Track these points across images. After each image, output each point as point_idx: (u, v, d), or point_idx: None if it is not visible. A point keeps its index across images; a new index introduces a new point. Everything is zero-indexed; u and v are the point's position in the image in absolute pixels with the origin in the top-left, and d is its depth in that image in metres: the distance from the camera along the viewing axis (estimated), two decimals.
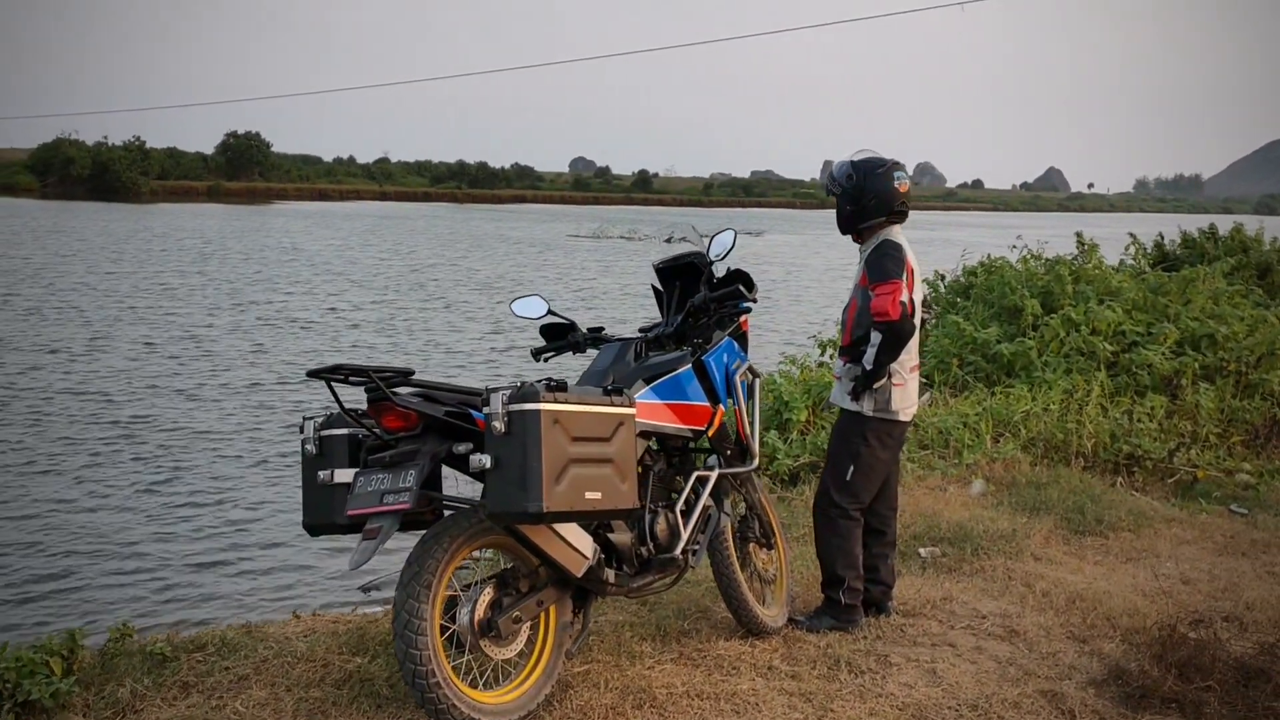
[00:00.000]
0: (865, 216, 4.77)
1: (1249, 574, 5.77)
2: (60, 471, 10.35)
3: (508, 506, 3.36)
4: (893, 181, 4.79)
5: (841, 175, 4.81)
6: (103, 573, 7.85)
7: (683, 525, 4.21)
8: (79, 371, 15.12)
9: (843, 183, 4.79)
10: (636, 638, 4.56)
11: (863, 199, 4.74)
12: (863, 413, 4.72)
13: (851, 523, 4.81)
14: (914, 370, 4.82)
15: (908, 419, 4.81)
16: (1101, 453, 7.56)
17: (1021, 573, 5.56)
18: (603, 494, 3.51)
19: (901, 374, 4.72)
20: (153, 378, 14.88)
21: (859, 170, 4.77)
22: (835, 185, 4.83)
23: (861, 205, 4.75)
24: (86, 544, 8.43)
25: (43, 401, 13.18)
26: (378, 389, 3.50)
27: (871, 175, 4.76)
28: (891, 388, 4.68)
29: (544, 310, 4.56)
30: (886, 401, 4.69)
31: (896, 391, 4.70)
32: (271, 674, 4.07)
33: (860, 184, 4.74)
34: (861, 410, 4.71)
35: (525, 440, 3.33)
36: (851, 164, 4.81)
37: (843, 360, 4.87)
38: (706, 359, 4.42)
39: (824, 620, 4.83)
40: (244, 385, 14.63)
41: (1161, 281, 9.89)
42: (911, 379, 4.79)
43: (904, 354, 4.72)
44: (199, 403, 13.52)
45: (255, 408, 13.33)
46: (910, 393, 4.79)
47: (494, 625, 3.60)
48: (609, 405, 3.59)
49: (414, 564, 3.50)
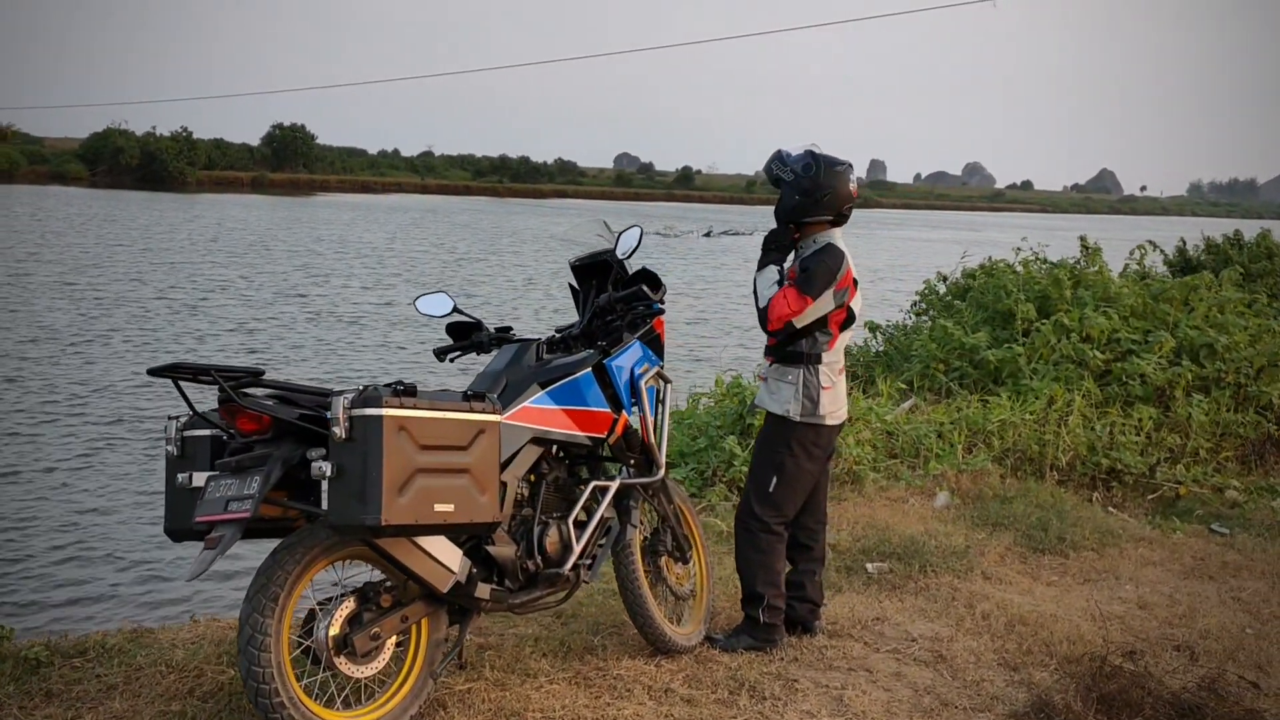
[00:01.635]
0: (813, 211, 4.50)
1: (1212, 599, 5.46)
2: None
3: (346, 518, 3.17)
4: (849, 183, 4.53)
5: (799, 163, 4.49)
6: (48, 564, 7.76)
7: (575, 538, 4.00)
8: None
9: (798, 170, 4.47)
10: (537, 653, 4.35)
11: (816, 193, 4.46)
12: (788, 417, 4.47)
13: (773, 537, 4.57)
14: (841, 373, 4.56)
15: (835, 423, 4.55)
16: (1079, 466, 7.25)
17: (967, 593, 5.29)
18: (455, 506, 3.30)
19: (829, 376, 4.47)
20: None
21: (820, 162, 4.47)
22: (787, 171, 4.51)
23: (813, 199, 4.47)
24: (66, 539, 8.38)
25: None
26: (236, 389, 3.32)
27: (831, 170, 4.47)
28: (820, 391, 4.44)
29: (449, 308, 4.36)
30: (814, 405, 4.44)
31: (824, 395, 4.45)
32: (141, 684, 3.91)
33: (817, 177, 4.45)
34: (787, 415, 4.47)
35: (366, 448, 3.14)
36: (812, 154, 4.51)
37: (768, 360, 4.62)
38: (609, 363, 4.20)
39: (741, 640, 4.59)
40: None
41: (1163, 288, 9.50)
42: (839, 381, 4.54)
43: (831, 355, 4.47)
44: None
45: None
46: (839, 396, 4.54)
47: (349, 642, 3.41)
48: (467, 411, 3.38)
49: (262, 575, 3.32)
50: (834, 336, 4.47)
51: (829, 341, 4.46)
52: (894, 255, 42.75)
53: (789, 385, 4.47)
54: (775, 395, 4.52)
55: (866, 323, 10.50)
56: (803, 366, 4.45)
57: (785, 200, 4.52)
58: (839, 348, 4.52)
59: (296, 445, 3.37)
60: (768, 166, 4.60)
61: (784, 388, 4.48)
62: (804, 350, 4.45)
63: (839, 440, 6.84)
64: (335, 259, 32.22)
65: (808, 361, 4.45)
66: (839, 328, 4.48)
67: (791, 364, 4.48)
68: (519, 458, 3.92)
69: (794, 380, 4.46)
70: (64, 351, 15.60)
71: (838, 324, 4.47)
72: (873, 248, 47.10)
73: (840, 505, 6.51)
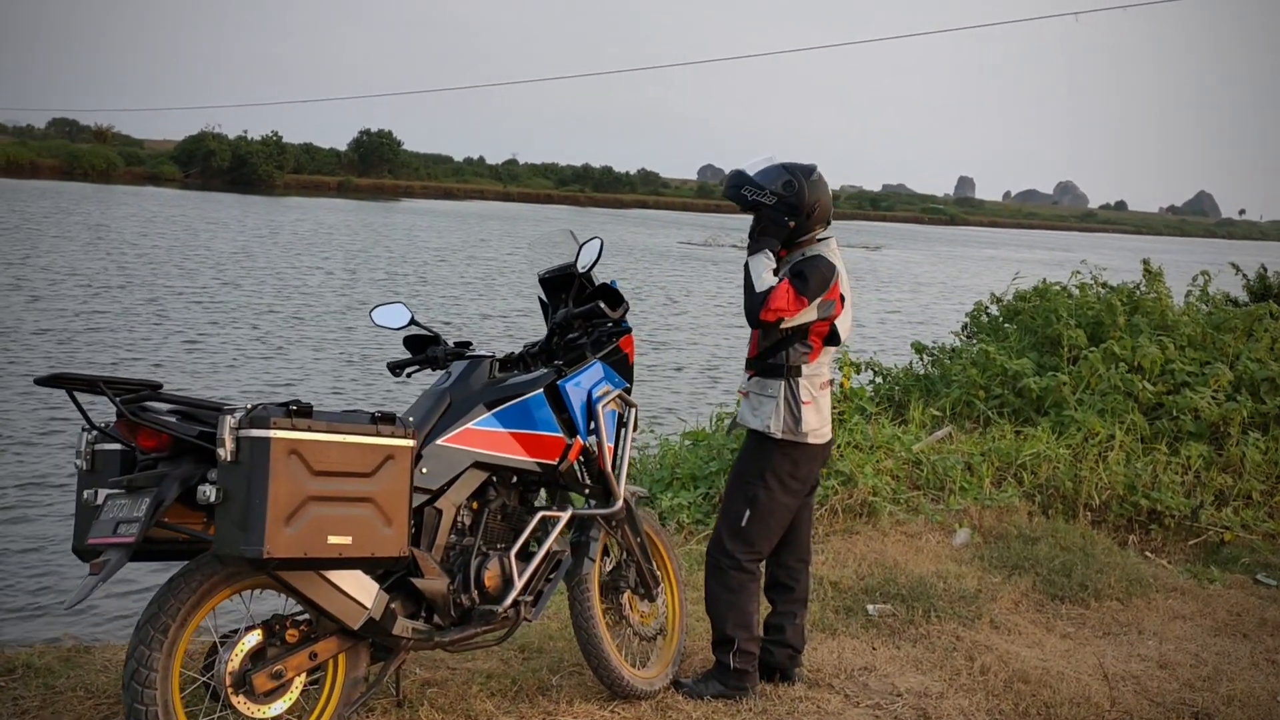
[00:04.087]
0: (809, 229, 4.17)
1: (1244, 660, 4.98)
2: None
3: (227, 548, 2.92)
4: (828, 188, 4.21)
5: (773, 180, 4.10)
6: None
7: (518, 572, 3.72)
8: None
9: (779, 190, 4.09)
10: (485, 692, 4.06)
11: (806, 209, 4.11)
12: (769, 433, 4.13)
13: (745, 575, 4.24)
14: (824, 389, 4.20)
15: (820, 442, 4.19)
16: (1115, 506, 6.76)
17: (969, 643, 4.89)
18: (354, 538, 3.04)
19: (810, 390, 4.12)
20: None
21: (797, 174, 4.11)
22: (765, 194, 4.10)
23: (805, 215, 4.11)
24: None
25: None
26: (127, 404, 3.10)
27: (809, 180, 4.13)
28: (801, 406, 4.09)
29: (406, 319, 4.11)
30: (795, 422, 4.10)
31: (806, 411, 4.11)
32: (56, 708, 3.72)
33: (802, 193, 4.09)
34: (768, 431, 4.13)
35: (250, 472, 2.89)
36: (784, 166, 4.15)
37: (749, 374, 4.28)
38: (563, 384, 3.91)
39: (710, 686, 4.26)
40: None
41: (1225, 317, 8.92)
42: (822, 396, 4.18)
43: (812, 369, 4.13)
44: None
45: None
46: (822, 411, 4.18)
47: (248, 679, 3.16)
48: (373, 435, 3.11)
49: (153, 605, 3.09)
50: (814, 350, 4.13)
51: (809, 355, 4.12)
52: (970, 274, 41.87)
53: (770, 400, 4.14)
54: (757, 411, 4.18)
55: (912, 343, 10.06)
56: (784, 380, 4.11)
57: (775, 225, 4.13)
58: (821, 363, 4.18)
59: (198, 465, 3.13)
60: (737, 194, 4.15)
61: (765, 402, 4.16)
62: (784, 363, 4.12)
63: (854, 469, 6.49)
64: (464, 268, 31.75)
65: (789, 375, 4.11)
66: (821, 341, 4.14)
67: (772, 377, 4.15)
68: (458, 483, 3.65)
69: (775, 394, 4.13)
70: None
71: (819, 336, 4.13)
72: (956, 269, 46.25)
73: (850, 539, 6.14)
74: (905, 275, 41.15)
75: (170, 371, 13.75)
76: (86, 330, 16.20)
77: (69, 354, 14.34)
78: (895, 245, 66.74)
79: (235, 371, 14.36)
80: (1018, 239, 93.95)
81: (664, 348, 18.39)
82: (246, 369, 14.54)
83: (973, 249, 69.57)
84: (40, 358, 13.83)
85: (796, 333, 4.09)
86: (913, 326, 22.55)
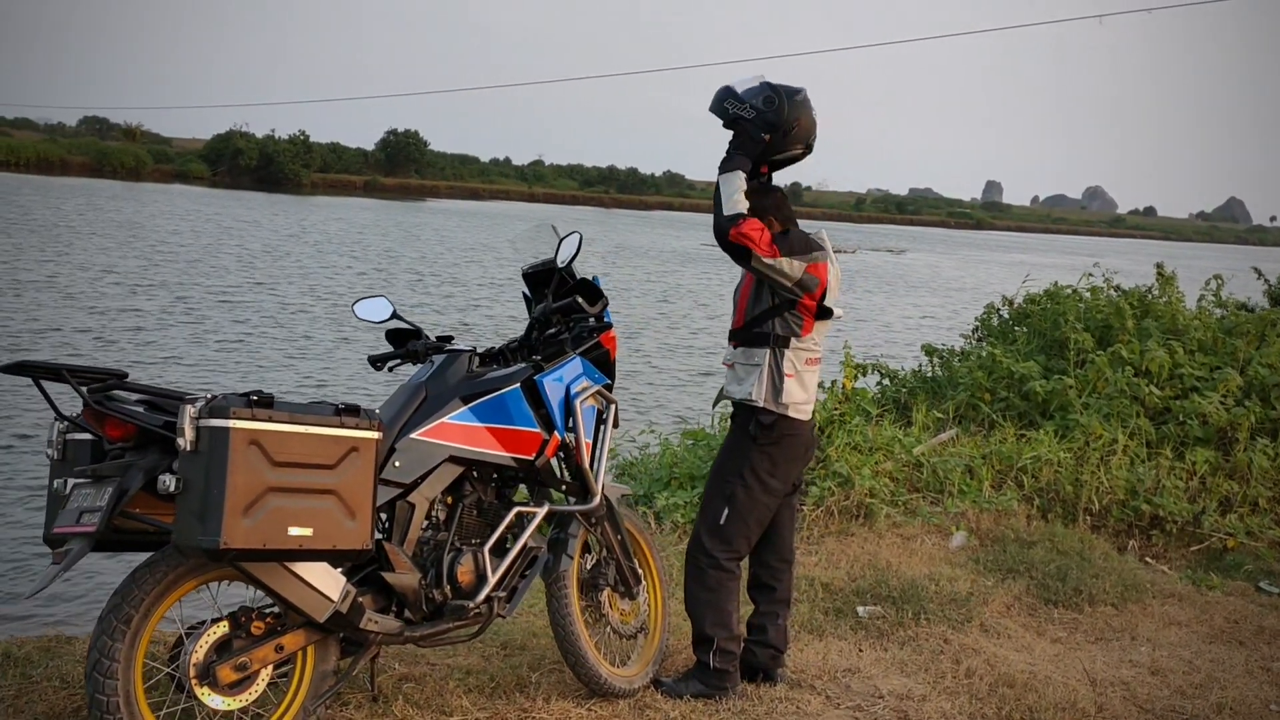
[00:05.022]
0: (785, 146, 4.06)
1: (1238, 668, 4.91)
2: None
3: (185, 539, 2.92)
4: (812, 110, 4.09)
5: (756, 96, 3.97)
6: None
7: (492, 567, 3.70)
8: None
9: (759, 105, 3.96)
10: (462, 688, 4.05)
11: (784, 125, 3.97)
12: (751, 402, 4.09)
13: (724, 574, 4.21)
14: (810, 364, 4.14)
15: (802, 417, 4.14)
16: (1115, 511, 6.68)
17: (957, 646, 4.84)
18: (315, 530, 3.03)
19: (794, 363, 4.08)
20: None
21: (780, 93, 3.98)
22: (745, 107, 3.96)
23: (782, 132, 3.99)
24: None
25: None
26: (93, 393, 3.11)
27: (793, 100, 4.00)
28: (784, 378, 4.05)
29: (389, 313, 4.10)
30: (776, 393, 4.06)
31: (789, 383, 4.07)
32: (29, 698, 3.73)
33: (781, 110, 3.96)
34: (750, 399, 4.09)
35: (209, 462, 2.88)
36: (770, 85, 4.02)
37: (732, 344, 4.25)
38: (540, 379, 3.89)
39: (690, 685, 4.23)
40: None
41: (1237, 321, 8.81)
42: (807, 372, 4.13)
43: (802, 343, 4.09)
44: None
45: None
46: (807, 387, 4.14)
47: (212, 671, 3.16)
48: (337, 427, 3.10)
49: (116, 595, 3.10)
50: (805, 323, 4.08)
51: (800, 325, 4.07)
52: (999, 279, 41.61)
53: (754, 368, 4.11)
54: (742, 381, 4.15)
55: (923, 346, 9.99)
56: (769, 349, 4.08)
57: (751, 140, 4.00)
58: (813, 337, 4.13)
59: (164, 455, 3.14)
60: (720, 107, 4.03)
61: (750, 372, 4.13)
62: (773, 331, 4.08)
63: (851, 470, 6.45)
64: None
65: (775, 344, 4.07)
66: (812, 317, 4.09)
67: (758, 346, 4.11)
68: (432, 477, 3.65)
69: (760, 362, 4.10)
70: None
71: (810, 312, 4.08)
72: (988, 273, 45.92)
73: (845, 541, 6.09)
74: (936, 280, 40.91)
75: (208, 371, 13.64)
76: (128, 331, 16.07)
77: (112, 355, 14.17)
78: (920, 249, 66.44)
79: (282, 372, 14.27)
80: (1046, 244, 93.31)
81: (694, 352, 18.25)
82: (283, 372, 14.40)
83: (999, 253, 69.09)
84: (69, 356, 13.81)
85: (787, 303, 4.05)
86: (944, 332, 22.34)
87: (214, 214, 43.69)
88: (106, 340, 15.15)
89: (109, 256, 25.13)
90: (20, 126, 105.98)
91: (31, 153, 72.21)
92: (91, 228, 32.04)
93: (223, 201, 54.39)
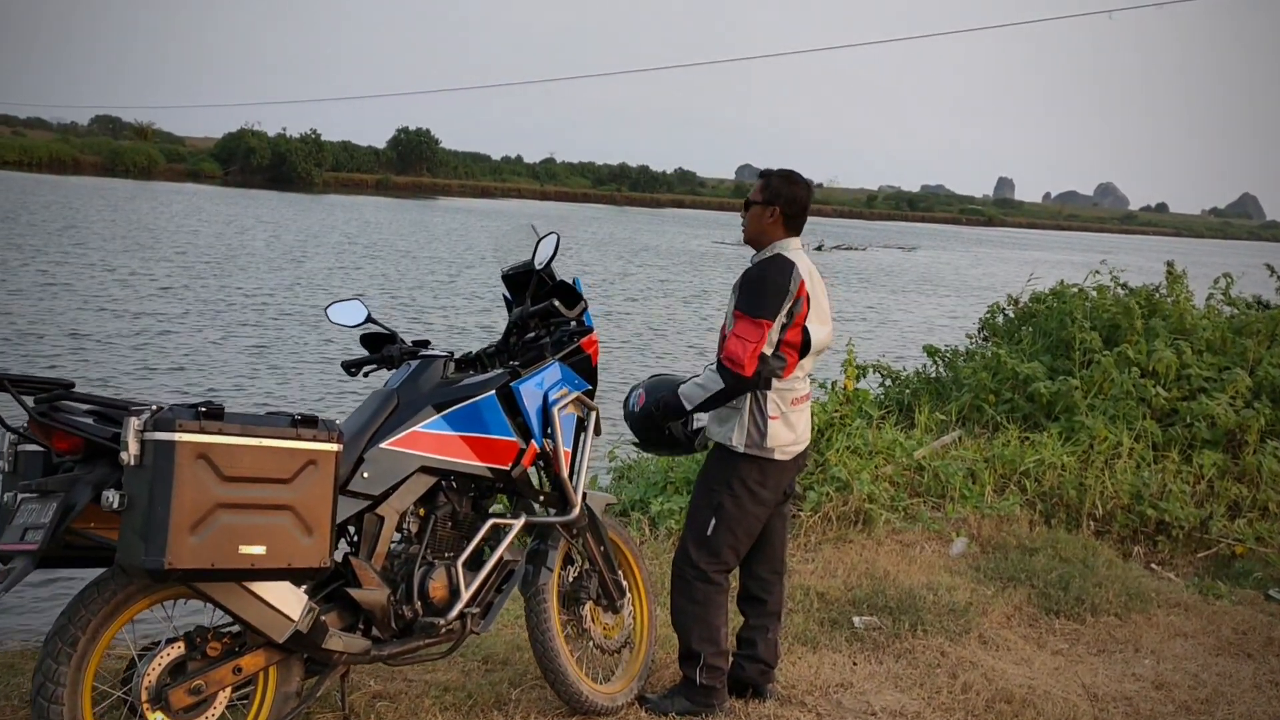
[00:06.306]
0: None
1: (1246, 681, 4.75)
2: None
3: (128, 558, 2.79)
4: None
5: (644, 401, 4.24)
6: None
7: (466, 582, 3.57)
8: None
9: (649, 408, 4.22)
10: (438, 706, 3.92)
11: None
12: (732, 447, 3.96)
13: (711, 587, 4.07)
14: (797, 404, 4.01)
15: (786, 458, 4.01)
16: (1120, 516, 6.52)
17: (954, 658, 4.70)
18: (269, 548, 2.90)
19: (778, 405, 3.94)
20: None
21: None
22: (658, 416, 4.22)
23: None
24: None
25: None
26: (38, 403, 2.98)
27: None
28: (767, 420, 3.92)
29: (363, 316, 3.96)
30: (760, 436, 3.92)
31: (772, 426, 3.92)
32: None
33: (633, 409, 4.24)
34: (731, 444, 3.96)
35: (154, 478, 2.75)
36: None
37: None
38: (516, 385, 3.75)
39: (676, 702, 4.10)
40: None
41: (1246, 321, 8.62)
42: (794, 412, 3.99)
43: (785, 384, 3.95)
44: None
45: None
46: (795, 427, 3.99)
47: (164, 695, 3.03)
48: (293, 439, 2.97)
49: (63, 616, 2.98)
50: (789, 363, 3.94)
51: (783, 368, 3.93)
52: (1020, 277, 41.34)
53: (734, 411, 3.97)
54: (723, 423, 4.02)
55: (925, 346, 9.81)
56: (749, 393, 3.94)
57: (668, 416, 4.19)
58: (795, 377, 3.99)
59: (112, 468, 3.00)
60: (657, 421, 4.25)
61: (730, 414, 3.99)
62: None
63: (850, 475, 6.30)
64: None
65: (758, 386, 3.93)
66: (796, 353, 3.95)
67: None
68: (402, 488, 3.51)
69: (740, 405, 3.95)
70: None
71: (793, 348, 3.93)
72: (1009, 271, 45.55)
73: (842, 548, 5.95)
74: (954, 278, 40.59)
75: (232, 380, 13.45)
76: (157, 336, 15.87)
77: (142, 360, 14.07)
78: (931, 246, 66.10)
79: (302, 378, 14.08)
80: (1058, 241, 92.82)
81: (709, 353, 18.03)
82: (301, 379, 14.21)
83: (1012, 250, 68.72)
84: (93, 366, 13.52)
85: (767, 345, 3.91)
86: (957, 333, 22.08)
87: (233, 216, 43.56)
88: (121, 345, 15.02)
89: (128, 259, 25.07)
90: (34, 125, 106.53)
91: (44, 153, 72.57)
92: (112, 230, 31.97)
93: (238, 200, 54.34)
